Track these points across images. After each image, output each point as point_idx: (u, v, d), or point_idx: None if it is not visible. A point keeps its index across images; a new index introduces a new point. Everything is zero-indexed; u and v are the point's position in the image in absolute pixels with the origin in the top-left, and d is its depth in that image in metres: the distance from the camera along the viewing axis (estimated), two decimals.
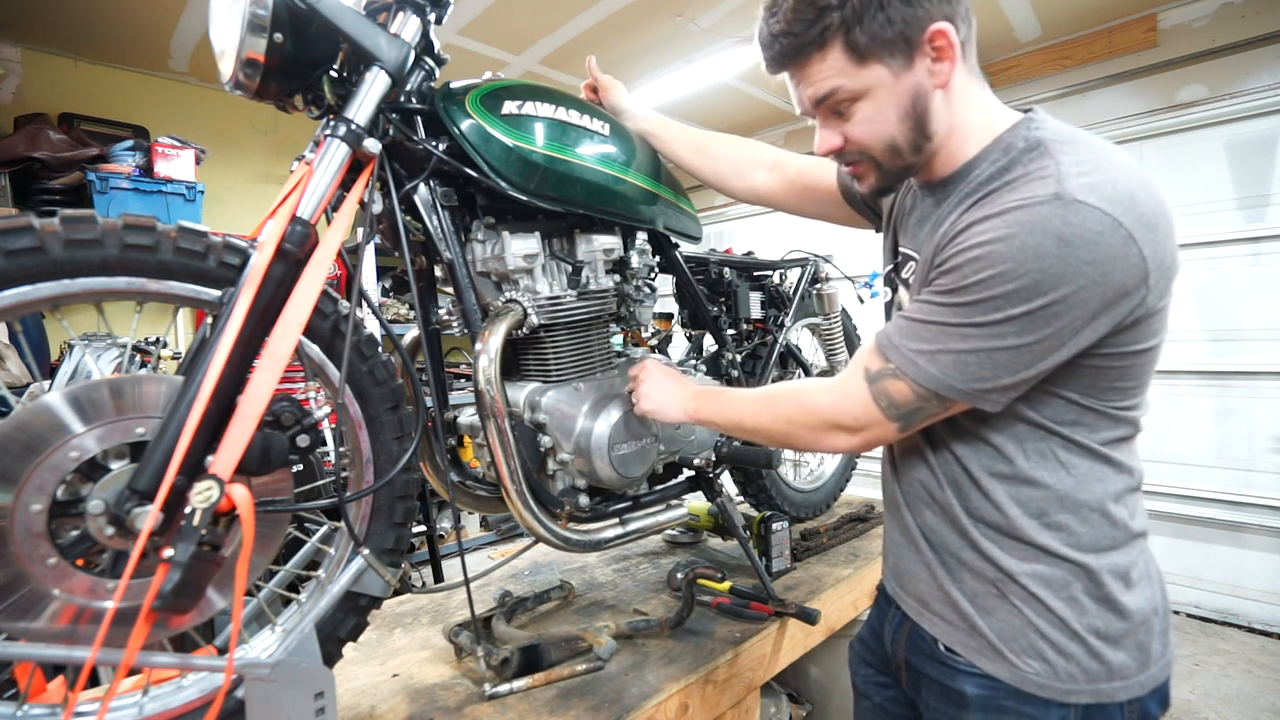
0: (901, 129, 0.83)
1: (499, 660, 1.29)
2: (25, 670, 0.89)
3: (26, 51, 3.51)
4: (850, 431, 0.90)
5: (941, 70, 0.81)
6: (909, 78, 0.81)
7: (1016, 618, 0.85)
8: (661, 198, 1.48)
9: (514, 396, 1.35)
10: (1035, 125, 0.82)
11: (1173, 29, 3.62)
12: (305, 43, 1.01)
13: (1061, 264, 0.70)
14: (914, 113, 0.82)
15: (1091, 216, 0.70)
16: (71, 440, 0.82)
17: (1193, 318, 3.56)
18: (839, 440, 0.92)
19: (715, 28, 3.66)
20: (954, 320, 0.78)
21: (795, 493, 2.18)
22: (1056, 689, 0.83)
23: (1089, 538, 0.83)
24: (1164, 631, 0.87)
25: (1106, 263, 0.70)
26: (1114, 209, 0.70)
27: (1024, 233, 0.72)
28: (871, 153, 0.86)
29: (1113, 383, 0.80)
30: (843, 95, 0.83)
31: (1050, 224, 0.71)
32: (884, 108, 0.82)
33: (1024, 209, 0.73)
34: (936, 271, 0.81)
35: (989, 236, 0.74)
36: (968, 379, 0.78)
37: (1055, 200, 0.71)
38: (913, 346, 0.81)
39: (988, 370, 0.77)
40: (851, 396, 0.88)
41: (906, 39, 0.78)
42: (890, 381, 0.84)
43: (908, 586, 0.99)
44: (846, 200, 1.22)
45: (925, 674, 0.96)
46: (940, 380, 0.80)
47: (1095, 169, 0.73)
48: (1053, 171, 0.74)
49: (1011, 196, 0.75)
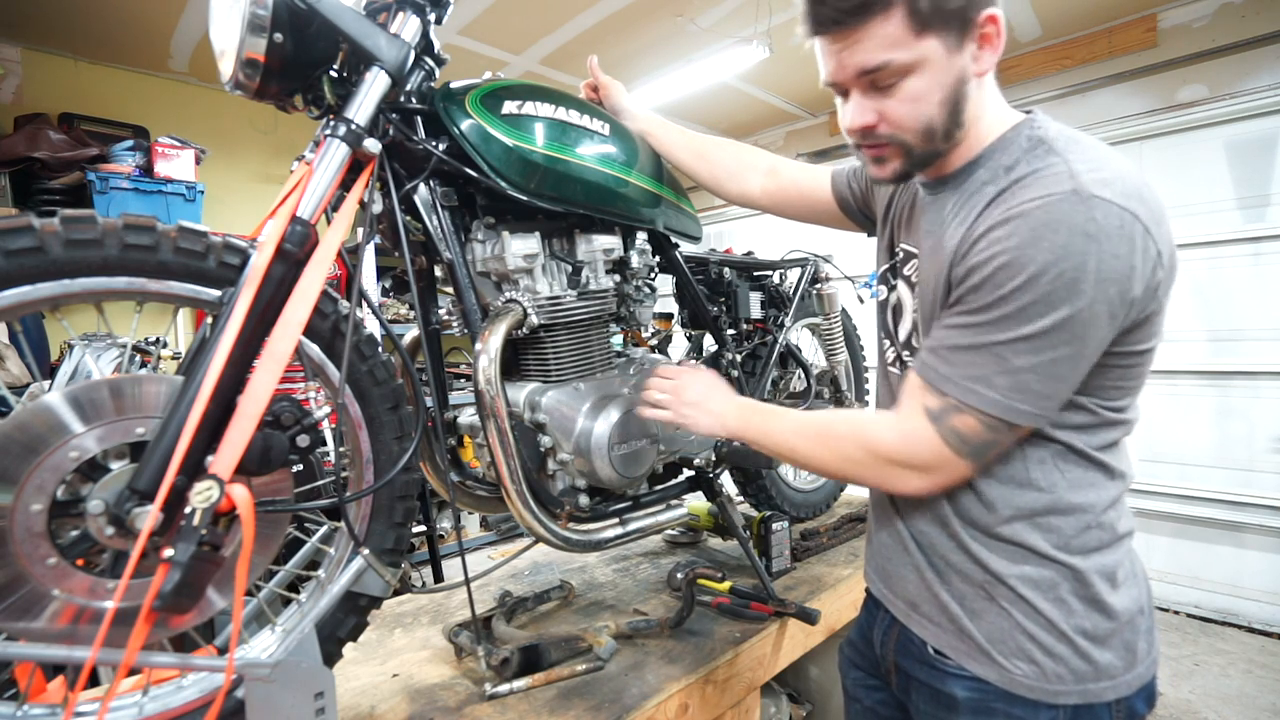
0: (941, 112, 0.80)
1: (499, 660, 1.29)
2: (25, 670, 0.89)
3: (26, 51, 3.51)
4: (921, 473, 0.84)
5: (985, 58, 0.79)
6: (958, 59, 0.78)
7: (1005, 620, 0.85)
8: (661, 198, 1.48)
9: (514, 396, 1.35)
10: (1037, 125, 0.82)
11: (1173, 29, 3.62)
12: (305, 43, 1.01)
13: (1093, 260, 0.70)
14: (954, 97, 0.80)
15: (1112, 211, 0.70)
16: (71, 440, 0.82)
17: (1193, 318, 3.56)
18: (910, 482, 0.85)
19: (715, 28, 3.66)
20: (1002, 337, 0.75)
21: (795, 493, 2.18)
22: (1045, 690, 0.83)
23: (1078, 539, 0.83)
24: (1149, 630, 0.87)
25: (1131, 256, 0.71)
26: (1129, 204, 0.71)
27: (1049, 232, 0.71)
28: (905, 134, 0.82)
29: (1116, 383, 0.80)
30: (894, 68, 0.77)
31: (1074, 220, 0.70)
32: (931, 86, 0.79)
33: (1043, 208, 0.72)
34: (965, 287, 0.78)
35: (1016, 241, 0.73)
36: (1032, 398, 0.76)
37: (1074, 196, 0.71)
38: (966, 374, 0.77)
39: (1049, 385, 0.75)
40: (916, 437, 0.82)
41: (964, 17, 0.76)
42: (957, 417, 0.79)
43: (896, 589, 0.99)
44: (841, 207, 1.24)
45: (915, 677, 0.96)
46: (1005, 405, 0.76)
47: (1103, 166, 0.74)
48: (1064, 169, 0.74)
49: (1026, 195, 0.74)
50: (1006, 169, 0.80)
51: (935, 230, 0.88)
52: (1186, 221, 3.53)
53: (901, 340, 0.98)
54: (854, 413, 0.95)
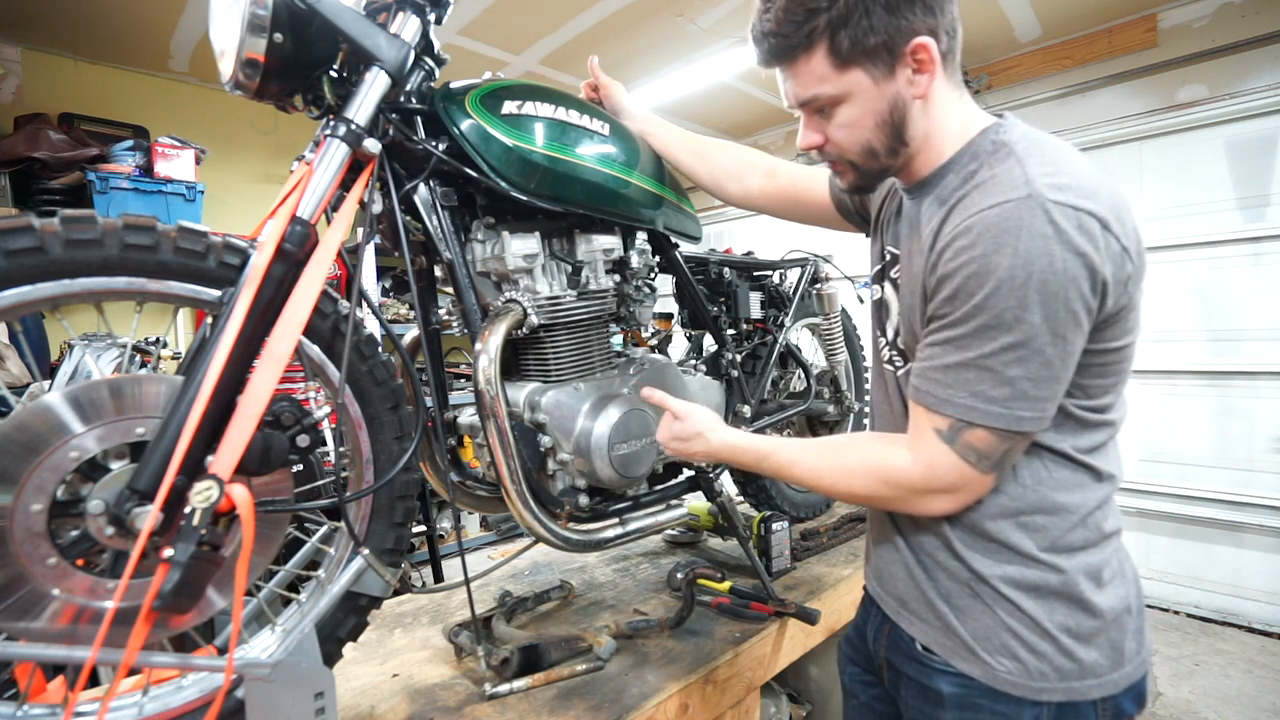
0: (878, 135, 0.86)
1: (499, 660, 1.29)
2: (25, 670, 0.89)
3: (26, 51, 3.51)
4: (948, 494, 0.84)
5: (921, 82, 0.83)
6: (889, 86, 0.83)
7: (989, 617, 0.86)
8: (661, 198, 1.48)
9: (514, 396, 1.35)
10: (1002, 129, 0.84)
11: (1173, 29, 3.62)
12: (305, 43, 1.01)
13: (1058, 260, 0.72)
14: (891, 120, 0.85)
15: (1068, 213, 0.72)
16: (71, 440, 0.82)
17: (1193, 318, 3.56)
18: (939, 504, 0.85)
19: (715, 28, 3.66)
20: (987, 349, 0.76)
21: (795, 493, 2.18)
22: (1029, 687, 0.84)
23: (1063, 540, 0.84)
24: (1138, 630, 0.88)
25: (1094, 253, 0.72)
26: (1085, 203, 0.73)
27: (1010, 238, 0.73)
28: (848, 155, 0.89)
29: (1094, 380, 0.81)
30: (824, 99, 0.85)
31: (1033, 224, 0.72)
32: (863, 114, 0.85)
33: (1001, 214, 0.74)
34: (939, 299, 0.80)
35: (980, 250, 0.75)
36: (1030, 404, 0.76)
37: (1029, 201, 0.73)
38: (964, 392, 0.79)
39: (1044, 388, 0.76)
40: (936, 462, 0.82)
41: (889, 49, 0.81)
42: (968, 434, 0.80)
43: (887, 586, 1.01)
44: (838, 209, 1.25)
45: (904, 673, 0.97)
46: (1009, 415, 0.77)
47: (1060, 169, 0.76)
48: (1019, 174, 0.76)
49: (985, 201, 0.76)
50: (969, 175, 0.82)
51: (912, 234, 0.91)
52: (1186, 221, 3.52)
53: (889, 339, 1.00)
54: (867, 448, 0.93)
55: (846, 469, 0.92)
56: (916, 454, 0.85)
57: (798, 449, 0.98)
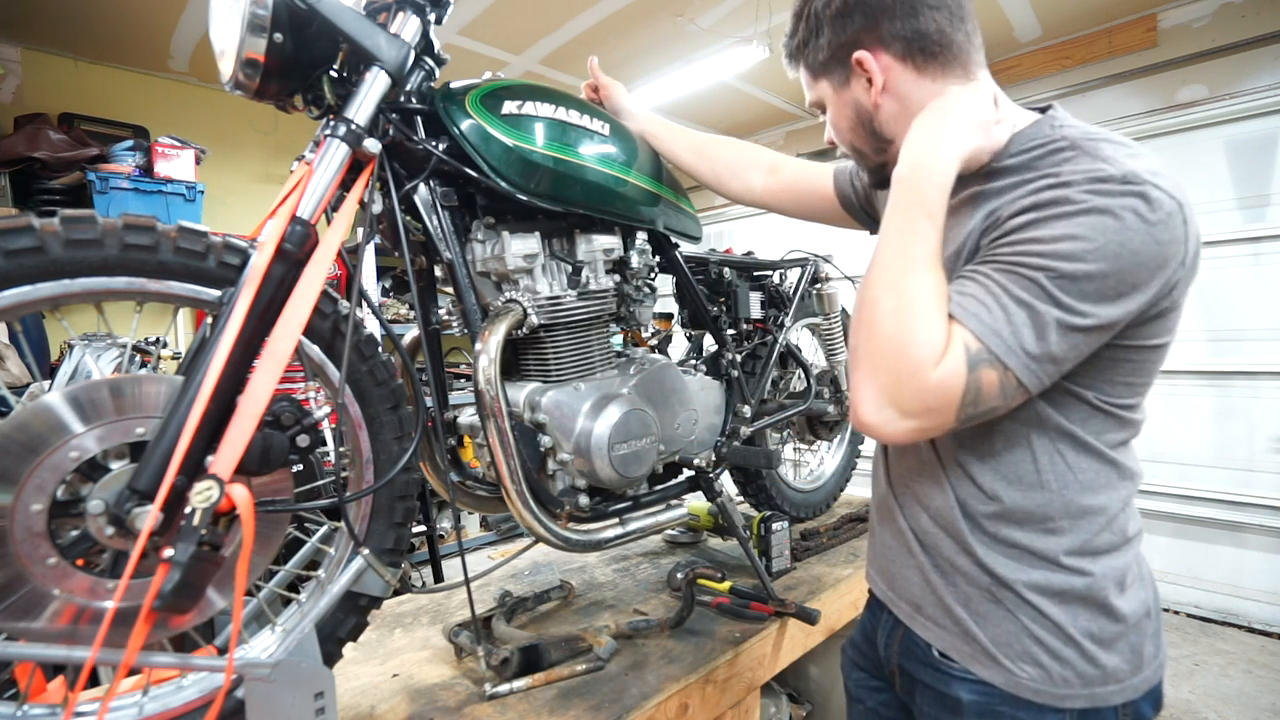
0: (857, 136, 0.95)
1: (499, 660, 1.29)
2: (25, 670, 0.89)
3: (26, 51, 3.51)
4: (922, 416, 0.74)
5: (873, 90, 0.89)
6: (848, 94, 0.92)
7: (1011, 623, 0.84)
8: (662, 198, 1.48)
9: (514, 396, 1.35)
10: (1058, 123, 0.81)
11: (1173, 29, 3.62)
12: (305, 43, 1.01)
13: (1154, 244, 0.70)
14: (860, 122, 0.93)
15: (1163, 198, 0.70)
16: (71, 440, 0.82)
17: (1193, 318, 3.56)
18: (903, 422, 0.75)
19: (715, 28, 3.66)
20: (1058, 312, 0.71)
21: (795, 493, 2.18)
22: (1051, 694, 0.82)
23: (1091, 543, 0.82)
24: (1156, 633, 0.87)
25: (1174, 244, 0.71)
26: (1176, 192, 0.72)
27: (1100, 212, 0.69)
28: (846, 150, 1.00)
29: (1125, 378, 0.79)
30: (813, 103, 0.99)
31: (1127, 204, 0.69)
32: (838, 117, 0.96)
33: (1096, 192, 0.71)
34: (1013, 225, 0.75)
35: (1073, 208, 0.71)
36: (1052, 370, 0.74)
37: (1123, 181, 0.70)
38: (1015, 332, 0.72)
39: (1072, 355, 0.73)
40: (949, 380, 0.72)
41: (839, 61, 0.90)
42: (985, 371, 0.73)
43: (900, 591, 0.98)
44: (843, 206, 1.24)
45: (919, 679, 0.95)
46: (1039, 382, 0.73)
47: (1140, 155, 0.74)
48: (1109, 154, 0.73)
49: (1075, 168, 0.73)
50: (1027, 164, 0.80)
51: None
52: None
53: None
54: (935, 291, 0.76)
55: (898, 289, 0.76)
56: (940, 353, 0.73)
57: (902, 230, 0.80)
